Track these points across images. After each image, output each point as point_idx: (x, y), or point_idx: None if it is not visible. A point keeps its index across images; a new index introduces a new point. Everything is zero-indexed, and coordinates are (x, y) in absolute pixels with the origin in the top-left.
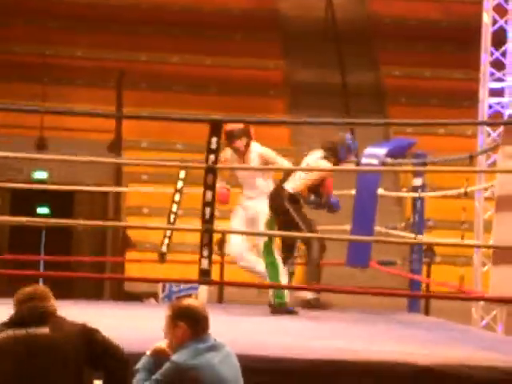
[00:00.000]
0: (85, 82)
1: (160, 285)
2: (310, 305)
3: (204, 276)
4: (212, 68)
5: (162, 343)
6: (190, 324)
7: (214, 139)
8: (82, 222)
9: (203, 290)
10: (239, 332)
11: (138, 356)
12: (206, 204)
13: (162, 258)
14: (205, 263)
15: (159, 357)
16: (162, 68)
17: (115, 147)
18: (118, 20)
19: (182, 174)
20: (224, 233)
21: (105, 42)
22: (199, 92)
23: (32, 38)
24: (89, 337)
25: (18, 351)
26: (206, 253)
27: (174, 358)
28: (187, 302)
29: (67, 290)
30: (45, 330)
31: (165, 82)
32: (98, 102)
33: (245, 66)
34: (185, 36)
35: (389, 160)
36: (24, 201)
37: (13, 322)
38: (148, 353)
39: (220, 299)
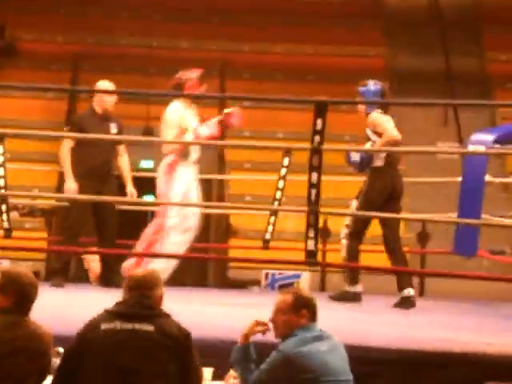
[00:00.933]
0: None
1: (263, 273)
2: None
3: (310, 257)
4: (313, 57)
5: (249, 326)
6: (309, 313)
7: (320, 121)
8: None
9: (306, 278)
10: (342, 321)
11: None
12: (311, 185)
13: (266, 244)
14: (311, 244)
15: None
16: (264, 58)
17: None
18: (221, 11)
19: (286, 161)
20: (329, 215)
21: (208, 33)
22: (301, 81)
23: (137, 30)
24: (184, 348)
25: (120, 346)
26: (311, 234)
27: (282, 346)
28: (304, 291)
29: (171, 277)
30: (150, 327)
31: (267, 71)
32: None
33: (346, 53)
34: (287, 25)
35: (497, 146)
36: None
37: (119, 313)
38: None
39: (322, 287)
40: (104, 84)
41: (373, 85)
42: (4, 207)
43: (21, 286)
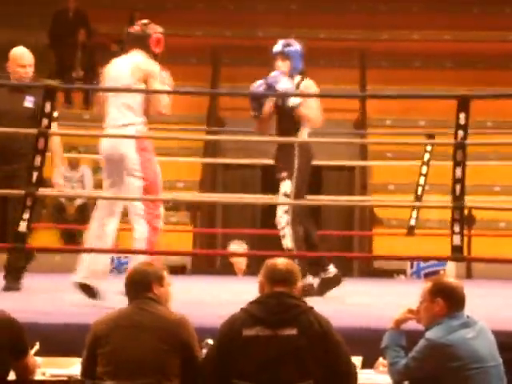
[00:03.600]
0: (328, 62)
1: (408, 261)
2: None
3: (456, 252)
4: (451, 43)
5: (401, 313)
6: (447, 301)
7: (463, 115)
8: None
9: (451, 266)
10: (491, 307)
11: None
12: (456, 180)
13: (411, 231)
14: (456, 239)
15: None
16: (402, 45)
17: (360, 125)
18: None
19: (429, 147)
20: (474, 208)
21: (346, 23)
22: (438, 67)
23: (276, 22)
24: (326, 342)
25: (264, 353)
26: (457, 229)
27: (429, 335)
28: (448, 279)
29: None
30: (292, 331)
31: (406, 59)
32: (342, 81)
33: (483, 39)
34: (425, 12)
35: None
36: (274, 179)
37: (260, 317)
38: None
39: (469, 275)
40: (19, 50)
41: (297, 44)
42: None
43: None
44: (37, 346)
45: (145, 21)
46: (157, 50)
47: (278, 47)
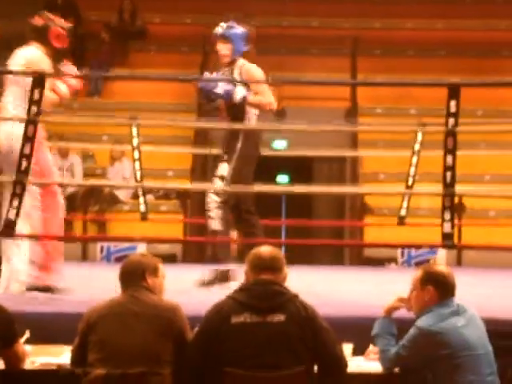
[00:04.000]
0: (320, 51)
1: (399, 249)
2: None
3: (447, 240)
4: (443, 31)
5: (392, 301)
6: (437, 289)
7: (453, 102)
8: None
9: (442, 254)
10: (481, 296)
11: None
12: (446, 168)
13: (402, 221)
14: (447, 227)
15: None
16: (395, 34)
17: (351, 114)
18: None
19: (420, 136)
20: (464, 196)
21: (339, 11)
22: (430, 56)
23: (269, 10)
24: (313, 327)
25: (253, 340)
26: (448, 216)
27: (420, 323)
28: (438, 267)
29: (307, 255)
30: (281, 317)
31: (398, 47)
32: (333, 70)
33: (476, 27)
34: (417, 1)
35: None
36: (266, 169)
37: (248, 304)
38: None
39: (459, 262)
40: None
41: (239, 27)
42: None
43: None
44: (27, 335)
45: (50, 15)
46: (57, 45)
47: (219, 30)
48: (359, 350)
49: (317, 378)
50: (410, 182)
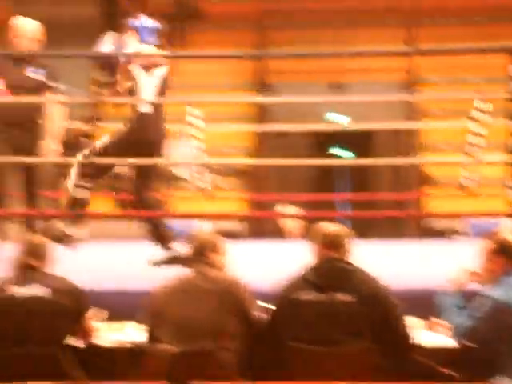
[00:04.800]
0: (374, 21)
1: (461, 220)
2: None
3: None
4: None
5: (461, 274)
6: (510, 259)
7: None
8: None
9: (506, 224)
10: None
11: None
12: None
13: (464, 190)
14: None
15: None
16: (453, 2)
17: (408, 85)
18: None
19: (480, 104)
20: None
21: None
22: (471, 23)
23: None
24: (384, 305)
25: (319, 317)
26: None
27: (495, 294)
28: (509, 237)
29: (367, 228)
30: (346, 296)
31: (451, 17)
32: (385, 41)
33: None
34: None
35: None
36: (323, 143)
37: (314, 282)
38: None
39: None
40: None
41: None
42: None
43: None
44: (105, 315)
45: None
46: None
47: (130, 22)
48: (423, 323)
49: (382, 354)
50: (471, 151)
